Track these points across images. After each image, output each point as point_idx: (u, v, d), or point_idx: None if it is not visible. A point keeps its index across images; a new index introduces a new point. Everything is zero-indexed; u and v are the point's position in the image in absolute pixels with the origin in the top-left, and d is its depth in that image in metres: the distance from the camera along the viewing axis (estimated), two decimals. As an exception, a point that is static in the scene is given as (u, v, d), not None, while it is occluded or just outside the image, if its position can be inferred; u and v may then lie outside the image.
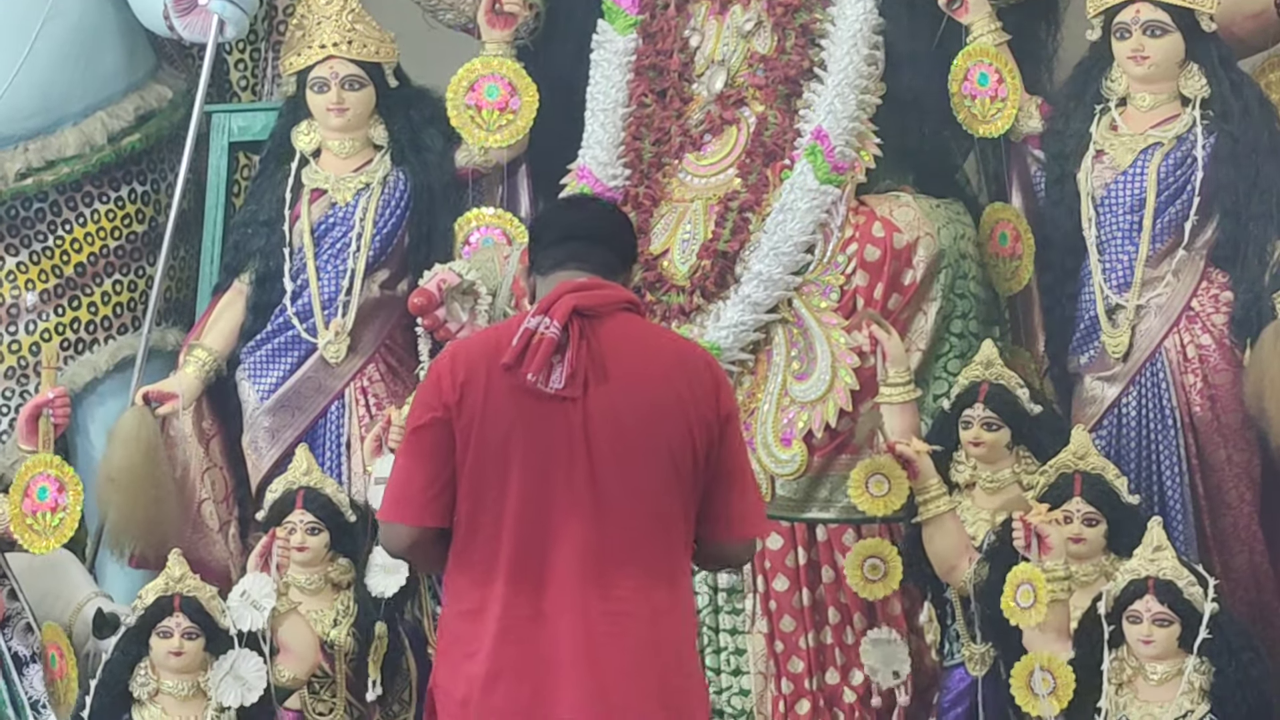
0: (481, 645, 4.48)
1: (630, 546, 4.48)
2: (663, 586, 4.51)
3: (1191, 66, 5.95)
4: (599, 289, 4.57)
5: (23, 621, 5.98)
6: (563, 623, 4.46)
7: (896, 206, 6.05)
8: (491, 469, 4.50)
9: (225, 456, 6.39)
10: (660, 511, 4.51)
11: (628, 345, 4.55)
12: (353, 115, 6.34)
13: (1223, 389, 5.88)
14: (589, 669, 4.45)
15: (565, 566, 4.47)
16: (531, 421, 4.50)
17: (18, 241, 6.77)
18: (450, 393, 4.52)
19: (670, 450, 4.51)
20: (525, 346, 4.48)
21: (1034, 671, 5.33)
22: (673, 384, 4.55)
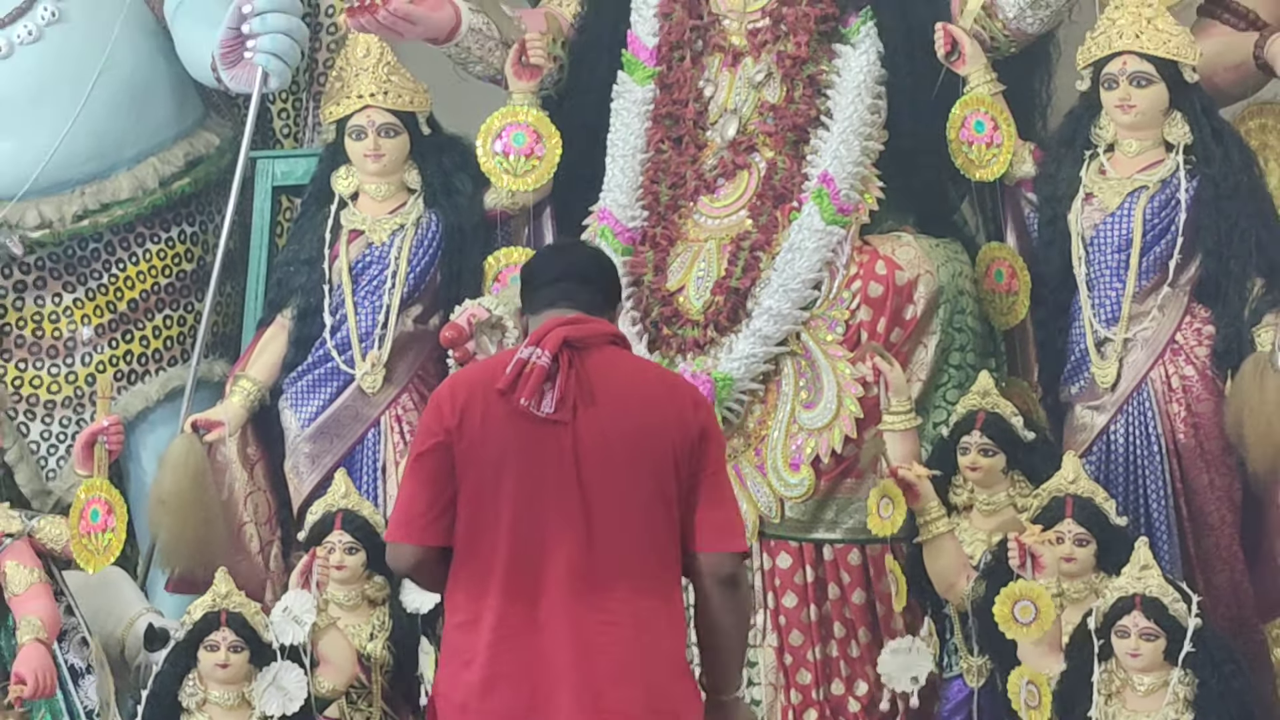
0: (478, 654, 4.49)
1: (619, 560, 4.50)
2: (650, 597, 4.52)
3: (1175, 114, 5.93)
4: (587, 323, 4.60)
5: (78, 636, 5.98)
6: (556, 632, 4.47)
7: (898, 246, 6.04)
8: (488, 488, 4.53)
9: (268, 480, 6.37)
10: (646, 527, 4.53)
11: (613, 374, 4.58)
12: (388, 161, 6.33)
13: (1205, 417, 5.85)
14: (581, 675, 4.46)
15: (558, 579, 4.48)
16: (525, 444, 4.52)
17: (75, 279, 6.77)
18: (450, 418, 4.55)
19: (654, 469, 4.53)
20: (519, 375, 4.52)
21: (1025, 683, 5.36)
22: (655, 409, 4.57)
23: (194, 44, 6.65)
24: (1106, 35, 5.96)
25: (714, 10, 6.27)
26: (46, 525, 5.99)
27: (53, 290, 6.76)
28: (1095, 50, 5.97)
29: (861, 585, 5.91)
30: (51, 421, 6.77)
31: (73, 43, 6.66)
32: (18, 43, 6.65)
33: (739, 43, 6.22)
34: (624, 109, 6.28)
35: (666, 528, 4.55)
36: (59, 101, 6.61)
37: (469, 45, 6.35)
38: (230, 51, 6.50)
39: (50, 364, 6.76)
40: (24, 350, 6.76)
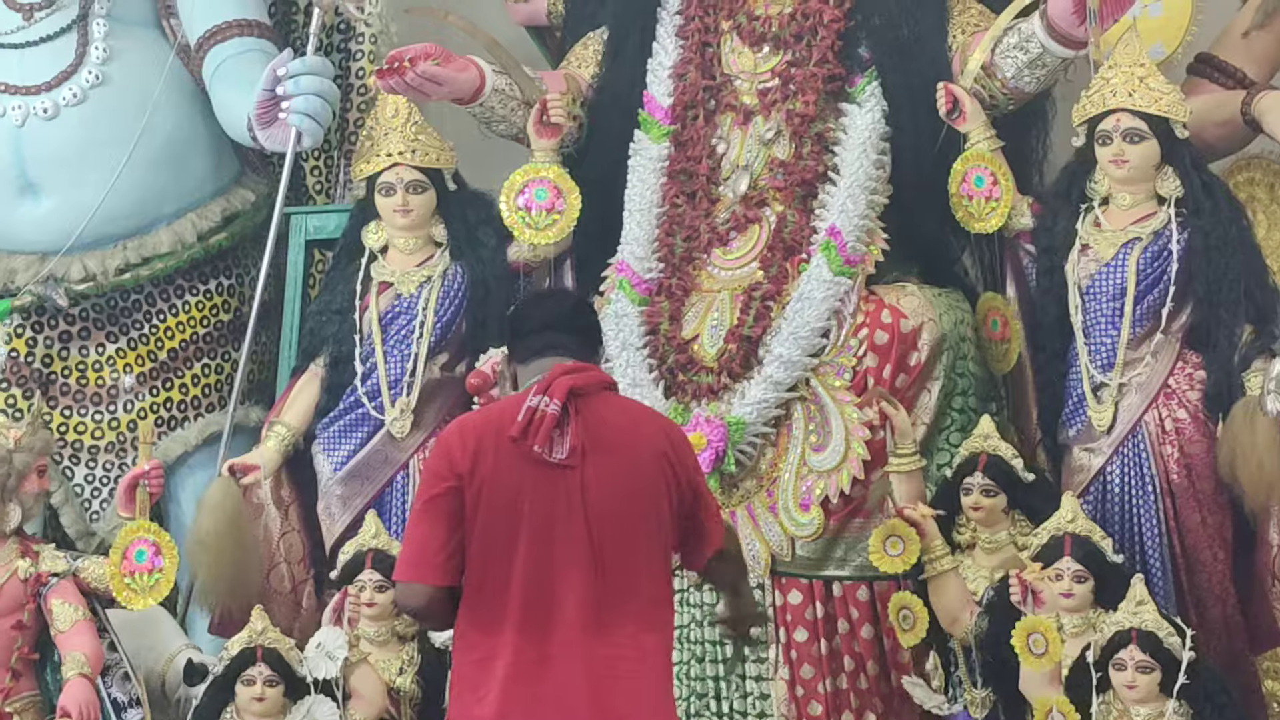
0: (491, 689, 4.52)
1: (624, 597, 4.56)
2: (652, 632, 4.60)
3: (1167, 169, 5.92)
4: (585, 371, 4.67)
5: (121, 670, 5.98)
6: (568, 667, 4.51)
7: (903, 295, 6.03)
8: (500, 529, 4.56)
9: (302, 521, 6.35)
10: (647, 563, 4.61)
11: (613, 419, 4.65)
12: (416, 216, 6.33)
13: (1198, 459, 5.83)
14: (591, 705, 4.50)
15: (569, 616, 4.53)
16: (536, 487, 4.57)
17: (117, 330, 6.77)
18: (462, 462, 4.59)
19: (655, 508, 4.62)
20: (529, 421, 4.56)
21: (1050, 713, 5.31)
22: (651, 450, 4.66)
23: (231, 105, 6.66)
24: (1101, 93, 5.95)
25: (726, 71, 6.28)
26: (91, 565, 5.99)
27: (96, 340, 6.77)
28: (1090, 108, 5.97)
29: (869, 620, 5.89)
30: (95, 466, 6.76)
31: (115, 104, 6.67)
32: (63, 104, 6.66)
33: (750, 102, 6.22)
34: (640, 166, 6.29)
35: (663, 562, 4.66)
36: (102, 160, 6.62)
37: (493, 105, 6.36)
38: (265, 112, 6.50)
39: (94, 411, 6.75)
40: (69, 398, 6.75)
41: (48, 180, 6.64)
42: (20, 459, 6.00)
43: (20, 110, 6.65)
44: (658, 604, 4.63)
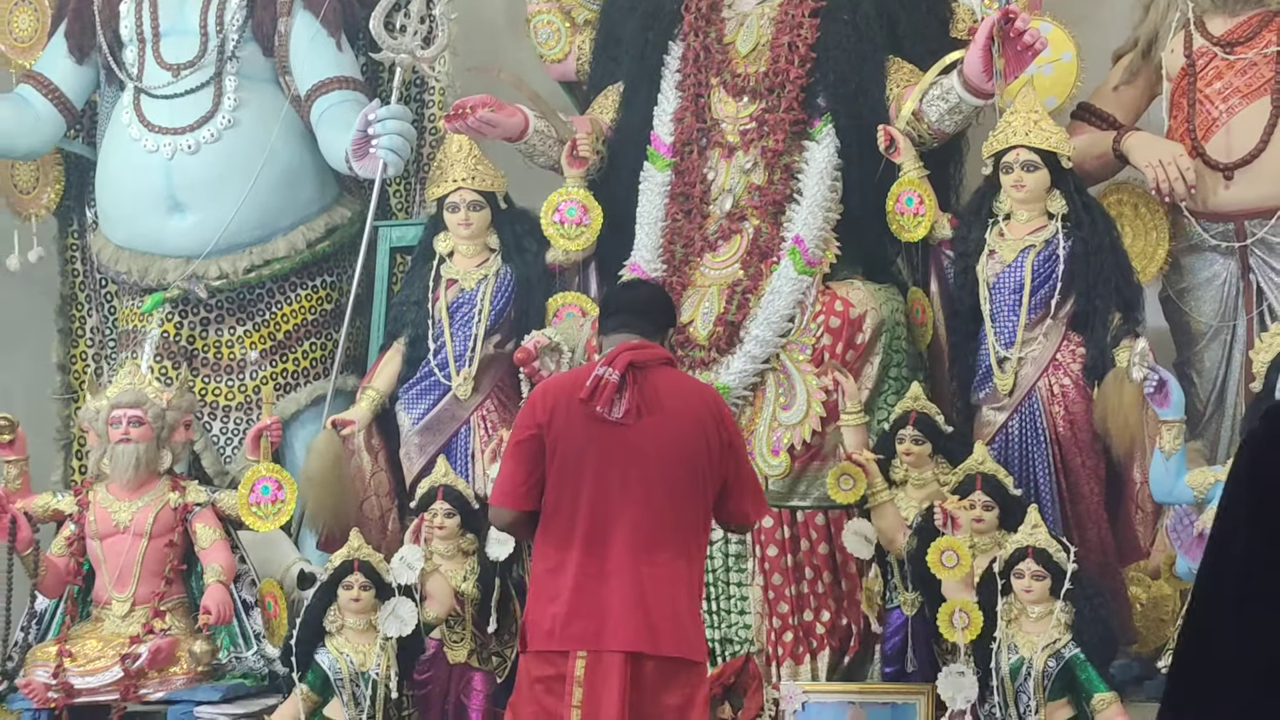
0: (562, 592, 4.53)
1: (666, 529, 4.55)
2: (684, 559, 4.59)
3: (1055, 192, 5.91)
4: (646, 348, 4.64)
5: (248, 578, 6.01)
6: (620, 579, 4.52)
7: (851, 289, 6.03)
8: (570, 471, 4.57)
9: (388, 463, 6.34)
10: (688, 504, 4.58)
11: (666, 389, 4.62)
12: (475, 228, 6.32)
13: (1078, 416, 5.82)
14: (636, 611, 4.51)
15: (621, 540, 4.53)
16: (600, 439, 4.57)
17: (244, 316, 6.75)
18: (542, 415, 4.60)
19: (694, 462, 4.58)
20: (595, 387, 4.55)
21: (954, 612, 5.33)
22: (696, 416, 4.62)
23: (332, 142, 6.66)
24: (1004, 133, 5.94)
25: (714, 116, 6.26)
26: (225, 497, 6.00)
27: (228, 324, 6.75)
28: (996, 144, 5.96)
29: (825, 539, 5.87)
30: (228, 421, 6.73)
31: (243, 142, 6.67)
32: (203, 142, 6.66)
33: (733, 140, 6.21)
34: (648, 189, 6.28)
35: (701, 506, 4.60)
36: (233, 185, 6.58)
37: (534, 143, 6.35)
38: (359, 147, 6.51)
39: (227, 379, 6.74)
40: (208, 368, 6.73)
41: (191, 201, 6.62)
42: (171, 415, 5.99)
43: (170, 147, 6.65)
44: (693, 536, 4.60)
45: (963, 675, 5.27)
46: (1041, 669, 5.24)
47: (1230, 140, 6.09)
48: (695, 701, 4.60)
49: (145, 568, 5.88)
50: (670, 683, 4.54)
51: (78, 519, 5.95)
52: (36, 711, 5.74)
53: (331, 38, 6.74)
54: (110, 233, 6.82)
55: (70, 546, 5.94)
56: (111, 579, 5.88)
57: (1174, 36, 6.22)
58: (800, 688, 5.62)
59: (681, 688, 4.56)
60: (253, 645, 5.88)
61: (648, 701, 4.50)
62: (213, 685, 5.81)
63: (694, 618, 4.64)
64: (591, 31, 6.61)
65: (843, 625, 5.85)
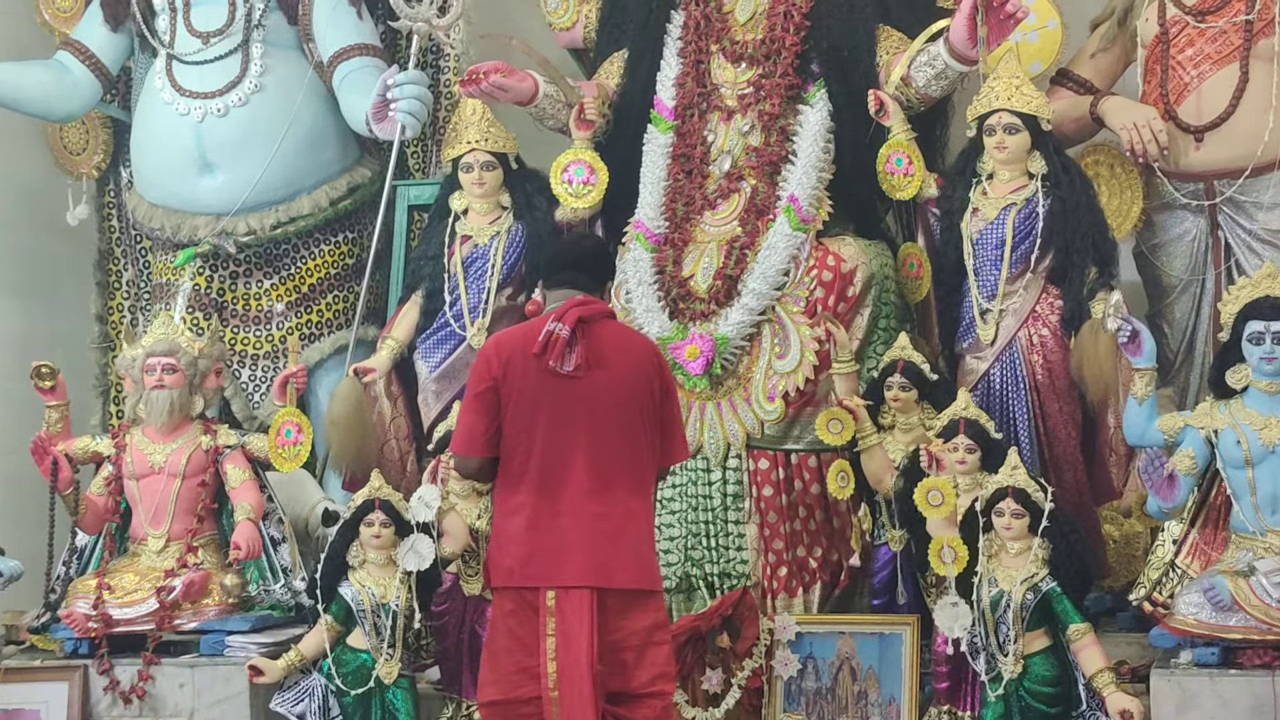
0: (519, 533, 4.56)
1: (614, 471, 4.56)
2: (633, 499, 4.59)
3: (1035, 153, 5.89)
4: (591, 304, 4.65)
5: (276, 516, 6.01)
6: (574, 519, 4.54)
7: (843, 245, 6.01)
8: (525, 420, 4.58)
9: (407, 409, 6.33)
10: (633, 448, 4.59)
11: (611, 342, 4.63)
12: (489, 187, 6.31)
13: (1056, 364, 5.82)
14: (590, 549, 4.52)
15: (573, 484, 4.55)
16: (551, 390, 4.57)
17: (271, 270, 6.73)
18: (497, 369, 4.61)
19: (638, 409, 4.59)
20: (548, 342, 4.55)
21: (943, 547, 5.32)
22: (638, 366, 4.63)
23: (353, 106, 6.62)
24: (988, 97, 5.92)
25: (714, 81, 6.22)
26: (253, 440, 6.00)
27: (256, 278, 6.73)
28: (980, 108, 5.94)
29: (817, 480, 5.86)
30: (256, 369, 6.73)
31: (269, 105, 6.63)
32: (232, 106, 6.62)
33: (732, 104, 6.18)
34: (651, 150, 6.24)
35: (646, 448, 4.62)
36: (260, 146, 6.58)
37: (544, 107, 6.32)
38: (378, 111, 6.48)
39: (255, 329, 6.73)
40: (237, 319, 6.73)
41: (221, 161, 6.61)
42: (203, 363, 5.99)
43: (200, 110, 6.62)
44: (642, 476, 4.62)
45: (956, 605, 5.27)
46: (1020, 601, 5.25)
47: (1201, 104, 6.07)
48: (658, 624, 4.66)
49: (179, 506, 5.89)
50: (631, 609, 4.58)
51: (115, 460, 5.96)
52: (78, 640, 5.76)
53: (352, 7, 6.70)
54: (145, 191, 6.80)
55: (109, 486, 5.95)
56: (147, 517, 5.89)
57: (1149, 6, 6.20)
58: (794, 619, 5.63)
59: (643, 612, 4.60)
60: (280, 579, 5.89)
61: (613, 627, 4.54)
62: (243, 616, 5.83)
63: (650, 550, 4.67)
64: (598, 1, 6.56)
65: (833, 561, 5.86)
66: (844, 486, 5.73)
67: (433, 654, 5.79)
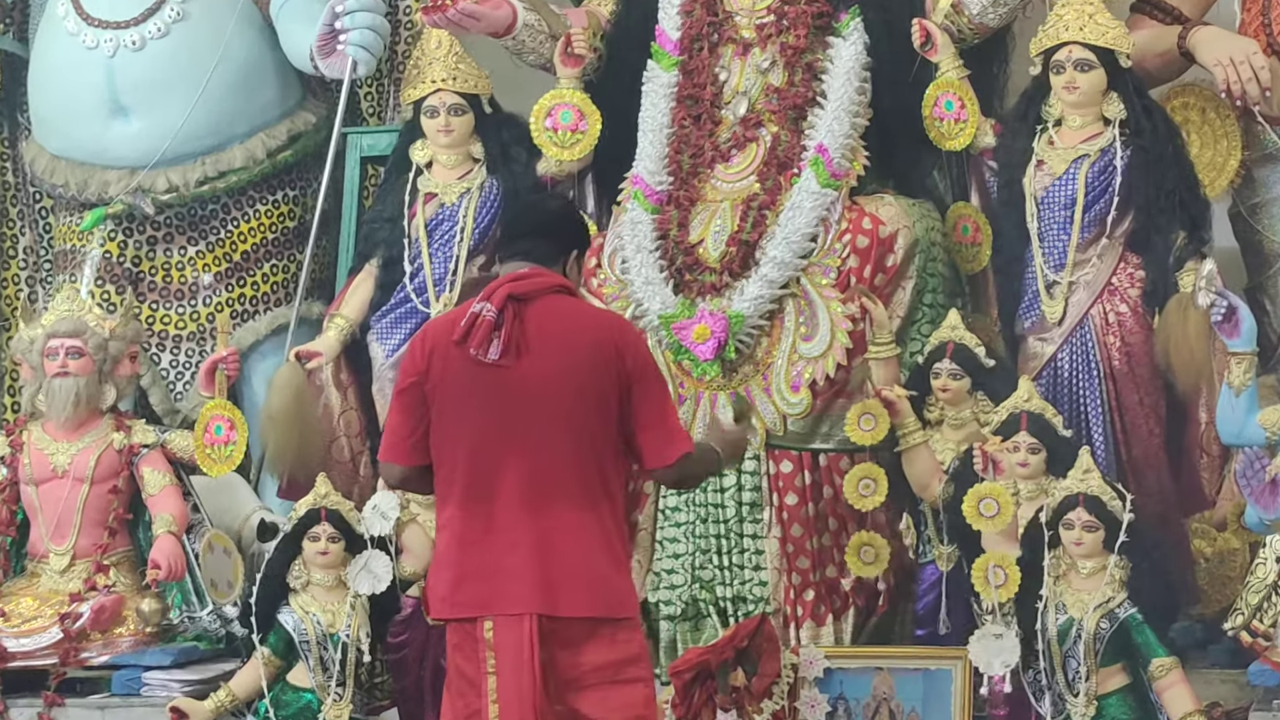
0: (451, 555, 4.55)
1: (555, 478, 4.50)
2: (581, 507, 4.52)
3: (1112, 94, 5.90)
4: (532, 276, 4.57)
5: (202, 529, 6.01)
6: (509, 536, 4.50)
7: (881, 205, 6.00)
8: (450, 421, 4.55)
9: (359, 401, 6.35)
10: (577, 450, 4.52)
11: (552, 321, 4.55)
12: (457, 135, 6.31)
13: (1136, 347, 5.83)
14: (529, 570, 4.49)
15: (507, 495, 4.51)
16: (479, 384, 4.53)
17: (196, 235, 6.75)
18: (420, 362, 4.59)
19: (586, 401, 4.52)
20: (470, 327, 4.51)
21: (989, 567, 5.33)
22: (588, 348, 4.54)
23: (295, 38, 6.63)
24: (1055, 28, 5.93)
25: (727, 8, 6.22)
26: (176, 438, 6.04)
27: (179, 244, 6.76)
28: (1045, 40, 5.95)
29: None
30: (179, 353, 6.75)
31: (194, 38, 6.64)
32: (149, 37, 6.62)
33: (748, 35, 6.17)
34: (652, 91, 6.22)
35: (597, 449, 4.53)
36: (183, 87, 6.58)
37: (524, 39, 6.31)
38: (325, 44, 6.50)
39: (177, 305, 6.75)
40: (156, 294, 6.73)
41: (136, 104, 6.60)
42: (114, 346, 5.99)
43: (111, 43, 6.61)
44: (599, 483, 4.54)
45: (999, 637, 5.26)
46: (1093, 631, 5.28)
47: (1312, 36, 6.11)
48: (627, 659, 4.55)
49: (86, 517, 5.92)
50: (587, 641, 4.53)
51: (10, 462, 5.99)
52: (-36, 677, 5.78)
53: (293, -82, 6.76)
54: (45, 141, 6.81)
55: (2, 493, 5.98)
56: (49, 530, 5.92)
57: (1248, -85, 6.22)
58: (821, 652, 5.61)
59: (604, 645, 4.54)
60: (208, 604, 5.91)
61: (566, 664, 4.50)
62: (163, 648, 5.84)
63: (611, 571, 4.59)
64: (588, -89, 6.58)
65: (870, 582, 5.84)
66: (868, 495, 5.73)
67: (389, 693, 5.77)
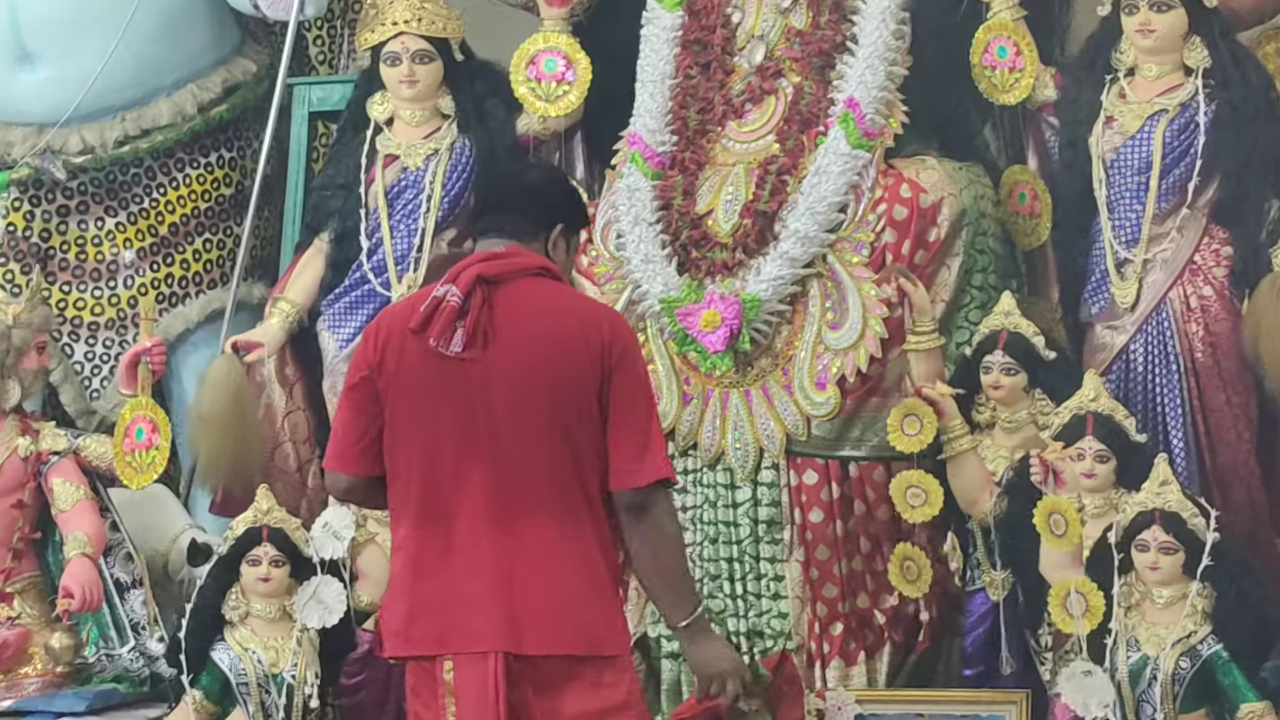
0: (404, 581, 4.55)
1: (527, 489, 4.49)
2: (558, 524, 4.51)
3: (1194, 39, 5.88)
4: (507, 257, 4.57)
5: (124, 551, 6.04)
6: (469, 557, 4.48)
7: (922, 169, 5.97)
8: (404, 423, 4.53)
9: (307, 400, 6.38)
10: (554, 457, 4.50)
11: (527, 308, 4.53)
12: (422, 87, 6.31)
13: (1223, 337, 5.81)
14: (495, 600, 4.46)
15: (470, 507, 4.49)
16: (438, 381, 4.51)
17: (116, 204, 6.77)
18: (373, 354, 4.58)
19: (564, 401, 4.50)
20: (431, 313, 4.50)
21: (1069, 594, 5.28)
22: (566, 337, 4.53)
23: (231, -30, 6.71)
24: (1127, -41, 5.96)
25: (741, -64, 6.26)
26: (92, 443, 6.05)
27: (95, 214, 6.75)
28: (1116, -27, 5.97)
29: (886, 501, 5.84)
30: (95, 343, 6.77)
31: (114, -31, 6.72)
32: (58, -31, 6.71)
33: (766, -32, 6.21)
34: (653, 35, 6.19)
35: (578, 457, 4.54)
36: (99, 28, 6.58)
37: (501, -31, 6.39)
38: (268, -23, 6.55)
39: (93, 287, 6.76)
40: (68, 273, 6.76)
41: (44, 49, 6.63)
42: (19, 335, 6.04)
43: None
44: (578, 494, 4.53)
45: (1091, 675, 5.26)
46: (1171, 671, 5.27)
47: None
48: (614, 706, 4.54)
49: (-14, 536, 5.96)
50: (567, 684, 4.50)
51: (-104, 471, 6.04)
52: None
53: None
54: (-66, 93, 6.90)
55: (-119, 510, 6.04)
56: (-58, 551, 5.95)
57: None
58: (852, 696, 5.67)
59: (585, 690, 4.51)
60: (129, 639, 5.91)
61: (541, 711, 4.50)
62: (76, 691, 5.88)
63: (594, 598, 4.54)
64: None
65: (909, 614, 5.85)
66: (918, 506, 5.71)
67: (344, 744, 5.85)
